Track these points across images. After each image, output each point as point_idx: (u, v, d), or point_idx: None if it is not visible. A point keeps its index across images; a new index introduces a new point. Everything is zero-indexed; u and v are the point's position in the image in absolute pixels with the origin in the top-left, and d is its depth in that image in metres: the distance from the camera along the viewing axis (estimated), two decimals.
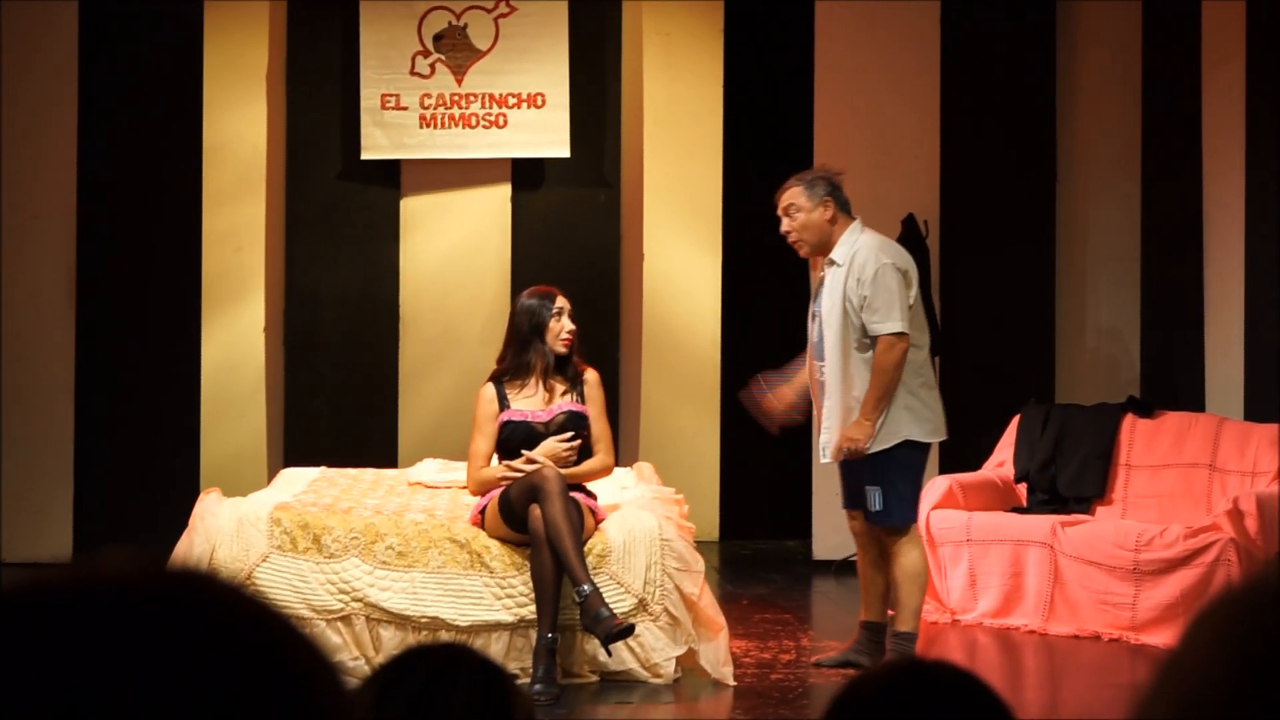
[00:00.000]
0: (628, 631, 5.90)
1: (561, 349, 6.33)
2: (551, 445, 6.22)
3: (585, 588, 5.86)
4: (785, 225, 6.32)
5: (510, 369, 6.37)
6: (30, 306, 8.98)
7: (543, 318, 6.31)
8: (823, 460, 6.43)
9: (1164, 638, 6.95)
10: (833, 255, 6.25)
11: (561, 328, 6.31)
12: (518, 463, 6.21)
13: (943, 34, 9.21)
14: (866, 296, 6.12)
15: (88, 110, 9.09)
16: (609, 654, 6.01)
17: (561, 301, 6.34)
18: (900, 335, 6.10)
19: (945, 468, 8.45)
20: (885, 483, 6.22)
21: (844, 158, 8.98)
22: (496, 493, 6.28)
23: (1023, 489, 8.11)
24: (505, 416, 6.33)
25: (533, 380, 6.36)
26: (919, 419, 6.21)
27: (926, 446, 6.33)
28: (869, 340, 6.15)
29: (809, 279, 8.98)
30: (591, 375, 6.43)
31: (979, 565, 7.54)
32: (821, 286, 6.32)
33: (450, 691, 1.50)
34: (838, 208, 6.28)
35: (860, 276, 6.15)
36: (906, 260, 6.30)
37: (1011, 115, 9.43)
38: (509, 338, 6.45)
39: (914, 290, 6.20)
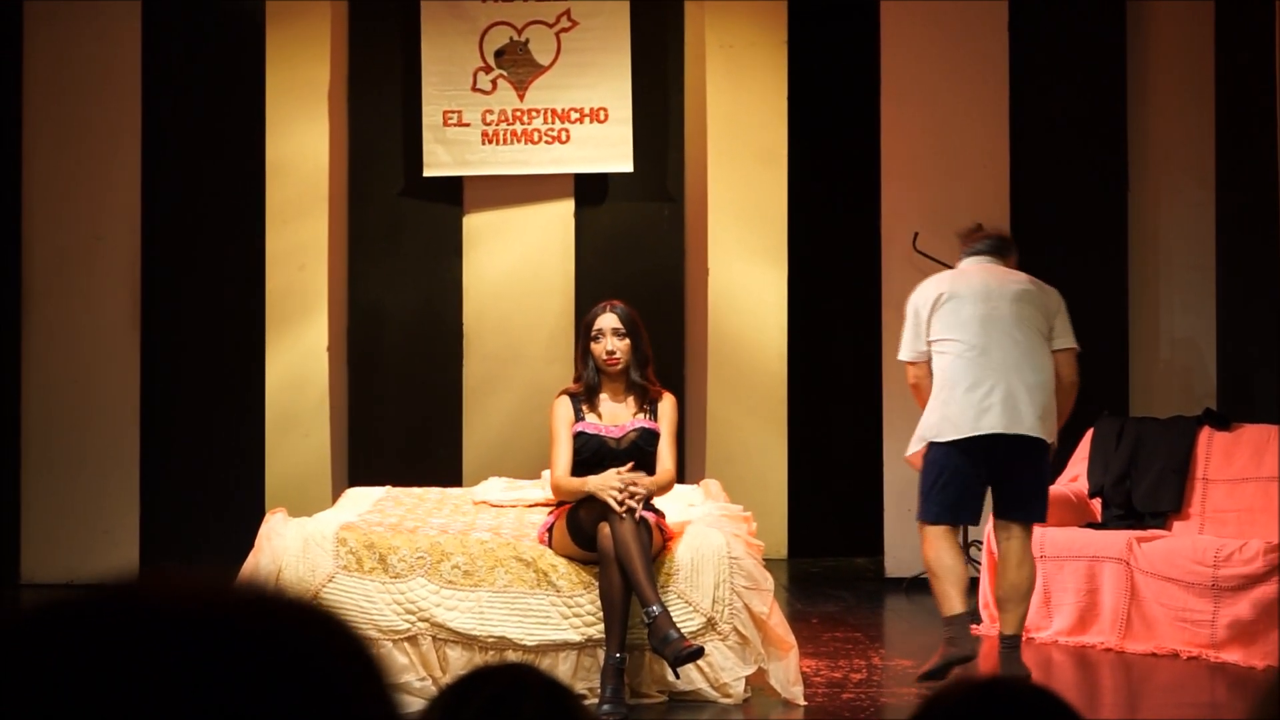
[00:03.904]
0: (697, 654, 5.80)
1: (607, 369, 6.30)
2: (620, 474, 6.13)
3: (654, 609, 5.79)
4: None
5: (585, 385, 6.36)
6: (95, 327, 9.04)
7: (586, 340, 6.34)
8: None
9: (1244, 655, 6.83)
10: None
11: (602, 349, 6.28)
12: (618, 483, 6.06)
13: (1011, 39, 9.14)
14: None
15: (151, 130, 9.16)
16: (677, 676, 5.94)
17: (603, 321, 6.29)
18: (904, 363, 6.66)
19: None
20: None
21: (911, 167, 9.09)
22: (564, 510, 6.25)
23: (1097, 504, 8.00)
24: (579, 428, 6.31)
25: (602, 396, 6.33)
26: (926, 421, 6.45)
27: (939, 447, 6.37)
28: None
29: (874, 293, 9.11)
30: (668, 398, 6.39)
31: (1053, 582, 7.45)
32: None
33: (514, 711, 1.49)
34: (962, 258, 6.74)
35: None
36: (922, 292, 6.58)
37: (1081, 122, 9.30)
38: (579, 354, 6.46)
39: (926, 311, 6.47)
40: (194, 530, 9.14)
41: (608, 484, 6.03)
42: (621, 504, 5.95)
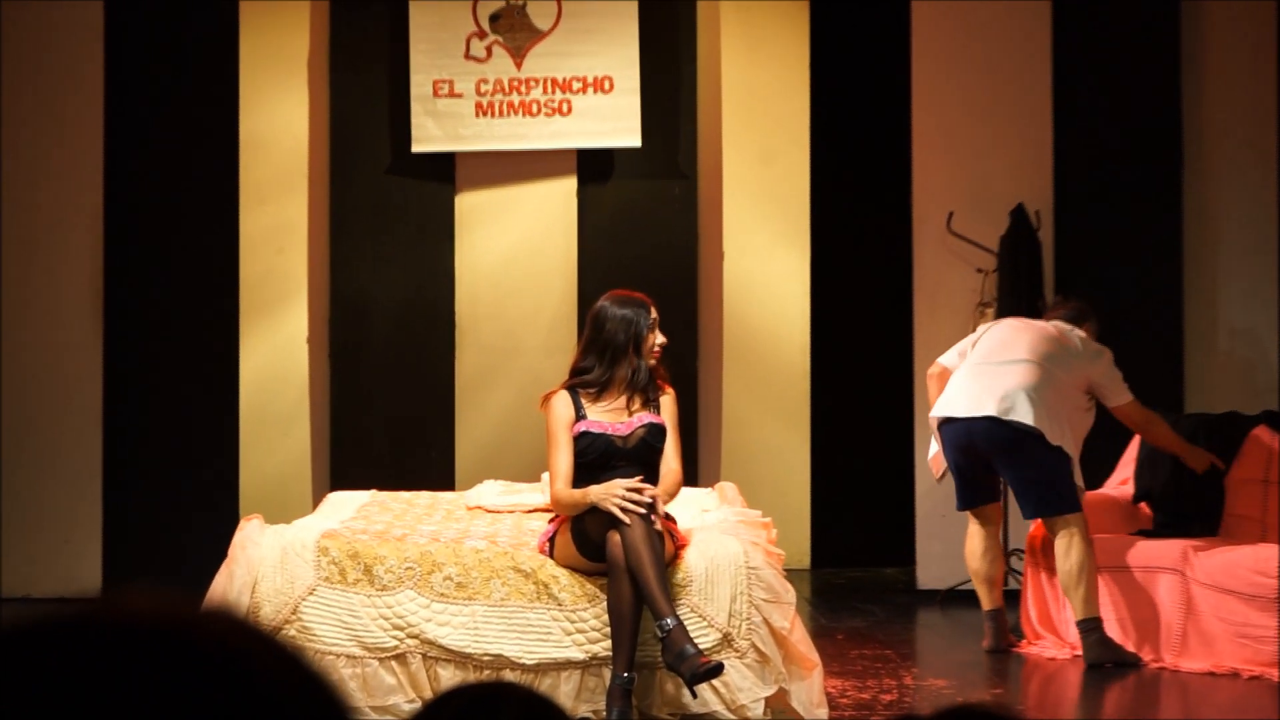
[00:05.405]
0: (716, 671, 5.59)
1: (653, 362, 6.27)
2: (626, 486, 5.98)
3: (669, 621, 5.62)
4: None
5: (597, 380, 6.21)
6: (54, 319, 8.89)
7: (640, 330, 6.21)
8: None
9: None
10: None
11: (655, 339, 6.26)
12: (625, 491, 5.91)
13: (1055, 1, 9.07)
14: None
15: (114, 103, 8.97)
16: (694, 695, 5.73)
17: (654, 312, 6.30)
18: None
19: None
20: None
21: (946, 140, 9.16)
22: (567, 517, 6.10)
23: (1149, 510, 7.86)
24: (582, 427, 6.14)
25: (613, 392, 6.21)
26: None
27: (942, 425, 7.36)
28: None
29: (905, 279, 9.21)
30: (669, 391, 6.33)
31: (1101, 594, 7.21)
32: None
33: None
34: None
35: None
36: (990, 322, 7.89)
37: (1131, 92, 9.10)
38: (600, 347, 6.23)
39: (981, 331, 7.59)
40: (162, 539, 8.93)
41: (611, 493, 5.87)
42: (627, 510, 5.80)
